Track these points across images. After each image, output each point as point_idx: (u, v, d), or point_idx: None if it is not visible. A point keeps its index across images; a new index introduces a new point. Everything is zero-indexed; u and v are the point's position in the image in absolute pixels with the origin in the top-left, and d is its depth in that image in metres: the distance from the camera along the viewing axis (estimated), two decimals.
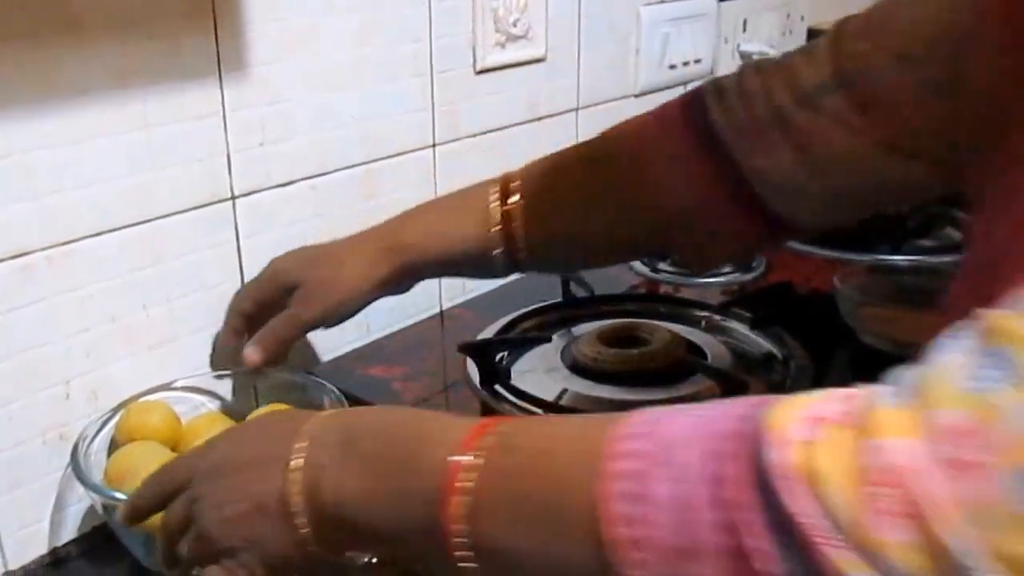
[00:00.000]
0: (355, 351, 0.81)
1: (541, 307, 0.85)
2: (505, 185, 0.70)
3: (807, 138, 0.59)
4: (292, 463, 0.45)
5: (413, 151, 0.90)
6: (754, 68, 0.64)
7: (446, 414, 0.46)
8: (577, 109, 1.08)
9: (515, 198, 0.69)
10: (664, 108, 0.68)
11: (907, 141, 0.56)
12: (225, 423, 0.68)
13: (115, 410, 0.67)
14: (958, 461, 0.28)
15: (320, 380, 0.70)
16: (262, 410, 0.68)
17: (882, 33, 0.57)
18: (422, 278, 0.73)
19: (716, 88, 0.65)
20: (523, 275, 0.96)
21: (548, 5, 1.00)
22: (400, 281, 0.71)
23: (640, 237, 0.68)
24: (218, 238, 0.74)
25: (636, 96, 1.16)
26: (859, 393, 0.33)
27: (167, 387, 0.71)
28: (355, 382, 0.75)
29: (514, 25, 0.96)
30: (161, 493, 0.50)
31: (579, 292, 0.86)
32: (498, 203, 0.69)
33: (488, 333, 0.80)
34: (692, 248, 0.68)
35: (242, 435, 0.52)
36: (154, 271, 0.70)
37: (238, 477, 0.47)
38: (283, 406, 0.68)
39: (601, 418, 0.39)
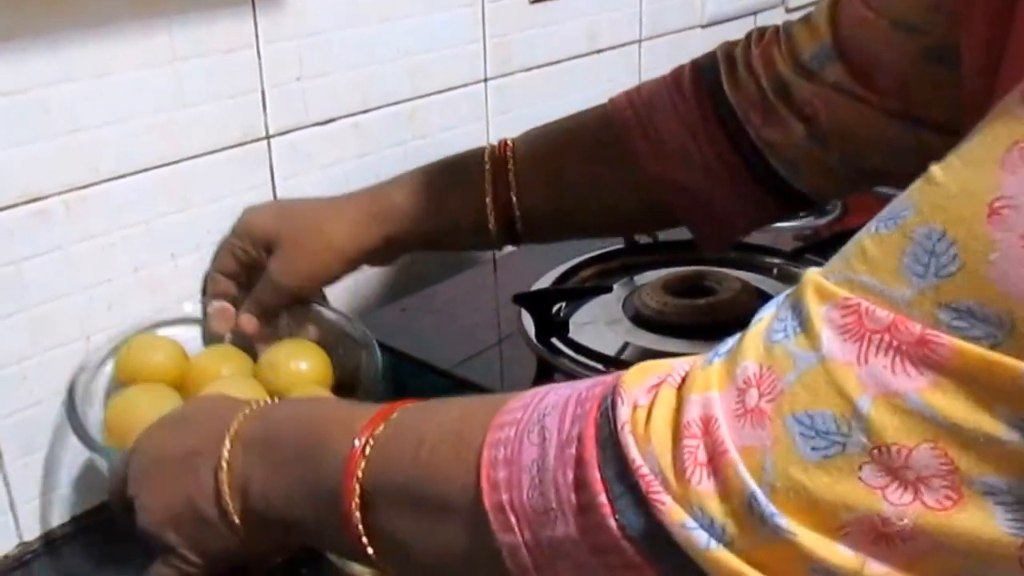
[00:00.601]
0: (402, 301, 0.77)
1: (601, 254, 0.81)
2: (502, 154, 0.66)
3: (812, 109, 0.58)
4: (223, 464, 0.45)
5: (464, 86, 0.86)
6: (757, 36, 0.62)
7: (360, 404, 0.47)
8: (640, 41, 1.03)
9: (511, 169, 0.65)
10: (676, 76, 0.66)
11: (912, 108, 0.55)
12: (235, 357, 0.65)
13: (114, 349, 0.63)
14: (745, 409, 0.31)
15: (348, 320, 0.67)
16: (278, 349, 0.64)
17: (880, 0, 0.55)
18: (408, 250, 0.69)
19: (727, 57, 0.63)
20: None
21: None
22: (385, 251, 0.67)
23: (647, 211, 0.65)
24: (253, 180, 0.71)
25: (703, 27, 1.10)
26: (698, 356, 0.35)
27: (168, 323, 0.66)
28: (402, 335, 0.71)
29: None
30: (118, 492, 0.50)
31: (642, 238, 0.81)
32: (491, 174, 0.65)
33: (544, 282, 0.76)
34: (706, 221, 0.64)
35: (173, 430, 0.50)
36: (182, 216, 0.66)
37: (170, 478, 0.47)
38: (305, 342, 0.65)
39: (496, 397, 0.40)
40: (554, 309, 0.71)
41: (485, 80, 0.87)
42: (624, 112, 0.65)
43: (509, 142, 0.67)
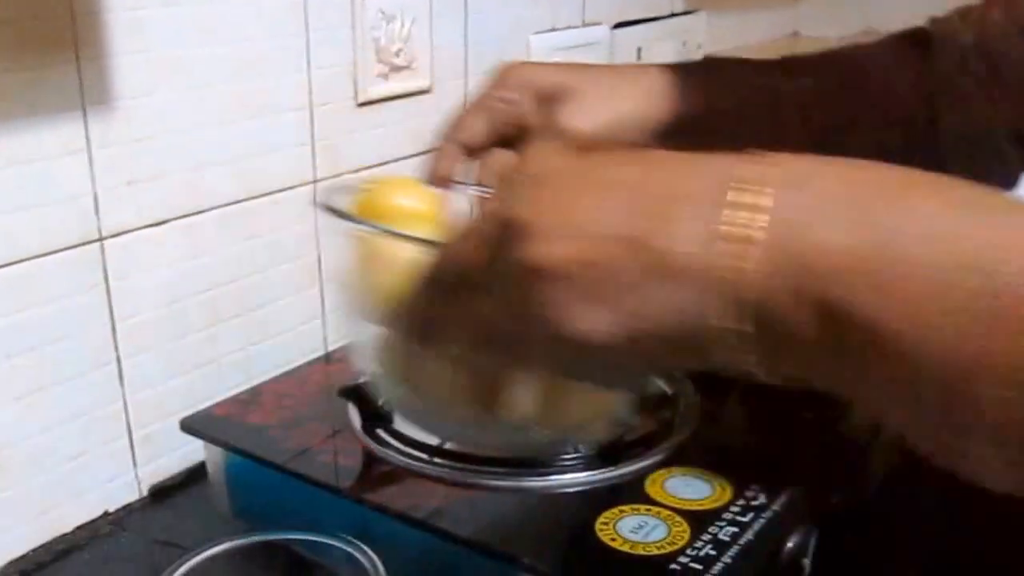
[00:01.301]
0: (232, 397, 0.81)
1: None
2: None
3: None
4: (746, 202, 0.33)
5: (293, 187, 0.91)
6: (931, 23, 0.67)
7: None
8: None
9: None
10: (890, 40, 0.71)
11: None
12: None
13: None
14: None
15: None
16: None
17: (1012, 4, 0.58)
18: (689, 134, 0.59)
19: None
20: None
21: (432, 35, 1.02)
22: (678, 123, 0.59)
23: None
24: (87, 281, 0.74)
25: None
26: None
27: None
28: (231, 432, 0.75)
29: (397, 55, 0.98)
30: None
31: None
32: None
33: None
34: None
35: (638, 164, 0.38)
36: (18, 318, 0.69)
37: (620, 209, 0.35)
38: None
39: None
40: (381, 400, 0.77)
41: (315, 181, 0.93)
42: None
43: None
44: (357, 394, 0.75)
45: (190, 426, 0.75)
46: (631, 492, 0.65)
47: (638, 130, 0.56)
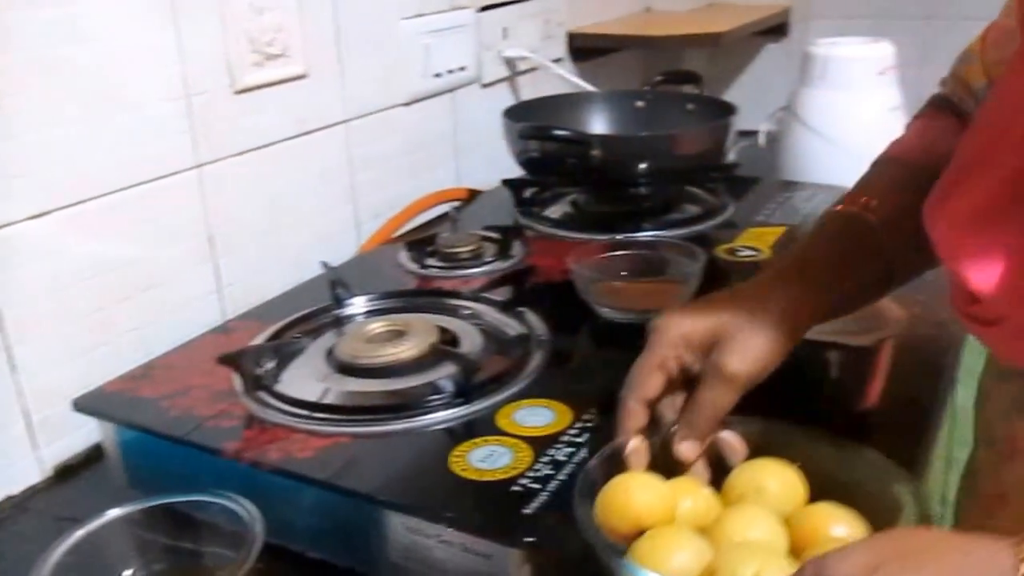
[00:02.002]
0: (126, 374, 0.76)
1: (310, 312, 0.83)
2: (877, 215, 0.62)
3: None
4: None
5: (179, 172, 0.86)
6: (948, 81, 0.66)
7: None
8: (346, 121, 1.06)
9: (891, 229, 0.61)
10: (925, 117, 0.68)
11: None
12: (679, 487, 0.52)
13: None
14: None
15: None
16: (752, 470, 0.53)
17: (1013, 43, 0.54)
18: (819, 320, 0.61)
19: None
20: (300, 283, 0.96)
21: (304, 23, 0.97)
22: (811, 322, 0.59)
23: None
24: None
25: (405, 105, 1.15)
26: None
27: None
28: (121, 407, 0.70)
29: (270, 44, 0.93)
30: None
31: (344, 295, 0.84)
32: (884, 237, 0.61)
33: (260, 341, 0.78)
34: None
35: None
36: None
37: None
38: (766, 459, 0.54)
39: None
40: (264, 365, 0.73)
41: (199, 166, 0.88)
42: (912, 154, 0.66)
43: (872, 201, 0.63)
44: (237, 360, 0.71)
45: (82, 405, 0.71)
46: (484, 426, 0.63)
47: (792, 340, 0.56)
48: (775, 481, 0.51)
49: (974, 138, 0.52)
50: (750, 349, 0.54)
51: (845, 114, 1.24)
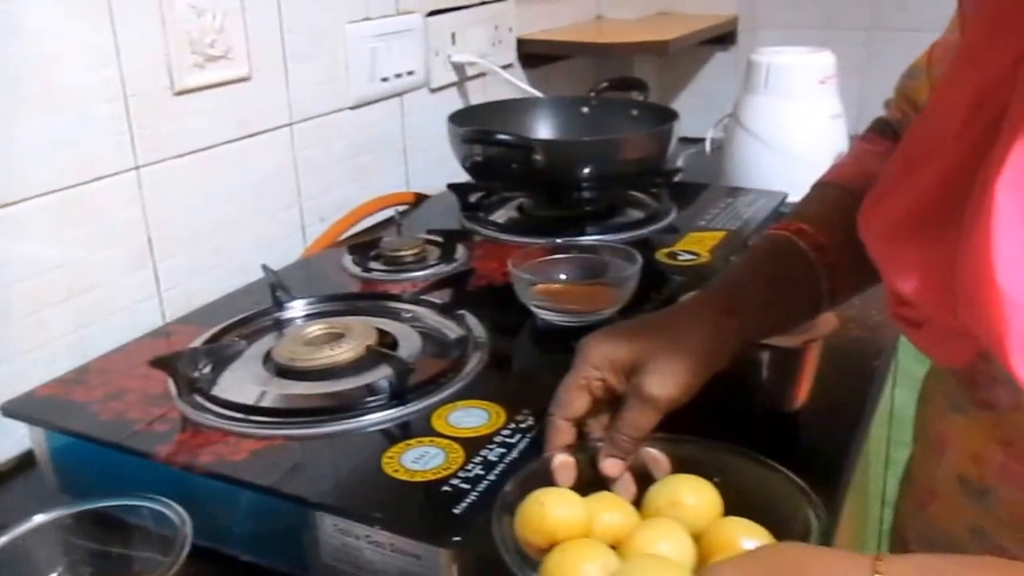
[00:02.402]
0: (58, 378, 0.76)
1: (249, 316, 0.82)
2: (813, 240, 0.64)
3: None
4: None
5: (116, 174, 0.85)
6: (893, 100, 0.67)
7: None
8: (291, 124, 1.06)
9: (828, 253, 0.63)
10: (866, 141, 0.69)
11: None
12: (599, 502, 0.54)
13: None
14: None
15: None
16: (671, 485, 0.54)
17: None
18: (748, 343, 0.64)
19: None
20: (242, 287, 0.95)
21: (247, 26, 0.97)
22: (735, 347, 0.61)
23: None
24: None
25: (351, 108, 1.15)
26: None
27: None
28: (52, 412, 0.70)
29: (211, 46, 0.93)
30: None
31: (285, 298, 0.84)
32: (817, 262, 0.63)
33: (197, 344, 0.77)
34: None
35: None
36: None
37: None
38: (685, 476, 0.56)
39: None
40: (200, 367, 0.73)
41: (137, 168, 0.87)
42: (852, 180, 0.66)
43: (805, 226, 0.64)
44: (172, 363, 0.70)
45: (11, 409, 0.70)
46: (419, 427, 0.64)
47: (713, 366, 0.59)
48: (692, 496, 0.52)
49: (907, 146, 0.53)
50: (670, 375, 0.57)
51: (787, 121, 1.27)
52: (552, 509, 0.49)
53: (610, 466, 0.56)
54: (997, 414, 0.51)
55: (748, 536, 0.49)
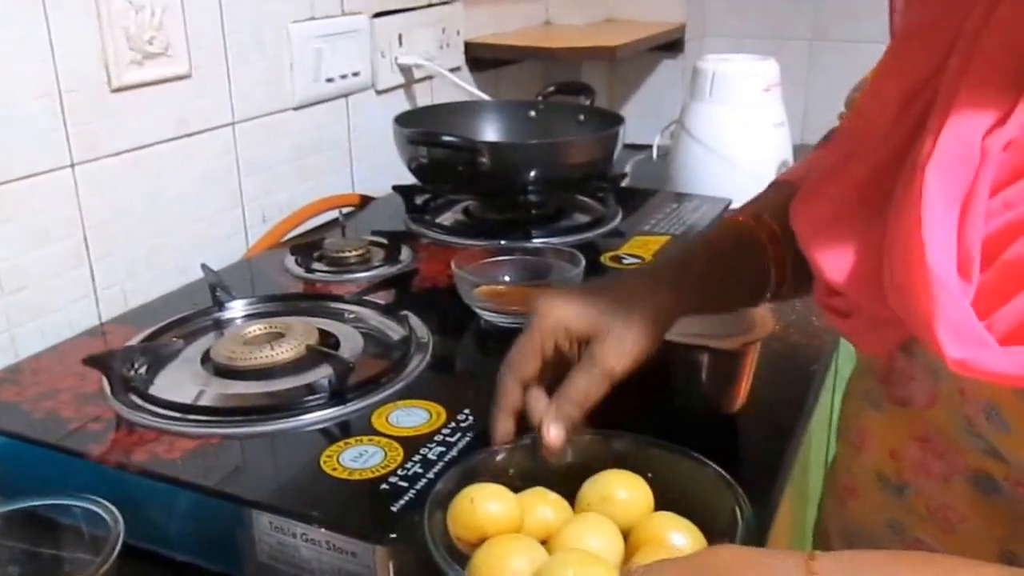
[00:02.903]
0: None
1: (187, 315, 0.82)
2: (769, 230, 0.65)
3: None
4: None
5: (51, 171, 0.84)
6: (844, 113, 0.68)
7: None
8: (233, 123, 1.06)
9: (779, 241, 0.64)
10: (820, 148, 0.71)
11: None
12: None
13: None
14: None
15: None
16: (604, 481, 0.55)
17: None
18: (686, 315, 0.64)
19: None
20: (181, 287, 0.95)
21: (187, 23, 0.96)
22: (674, 319, 0.62)
23: None
24: None
25: (295, 109, 1.15)
26: None
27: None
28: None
29: (150, 43, 0.92)
30: None
31: (225, 298, 0.84)
32: (769, 246, 0.64)
33: (133, 343, 0.77)
34: None
35: None
36: None
37: None
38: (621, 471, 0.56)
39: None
40: (136, 367, 0.72)
41: (72, 165, 0.86)
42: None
43: (763, 215, 0.65)
44: (106, 362, 0.70)
45: None
46: (359, 426, 0.64)
47: (658, 339, 0.60)
48: (623, 491, 0.53)
49: (840, 141, 0.55)
50: (626, 344, 0.57)
51: (731, 128, 1.29)
52: (482, 505, 0.50)
53: (554, 436, 0.56)
54: (913, 411, 0.53)
55: (676, 530, 0.50)
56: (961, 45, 0.46)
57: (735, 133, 1.30)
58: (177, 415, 0.67)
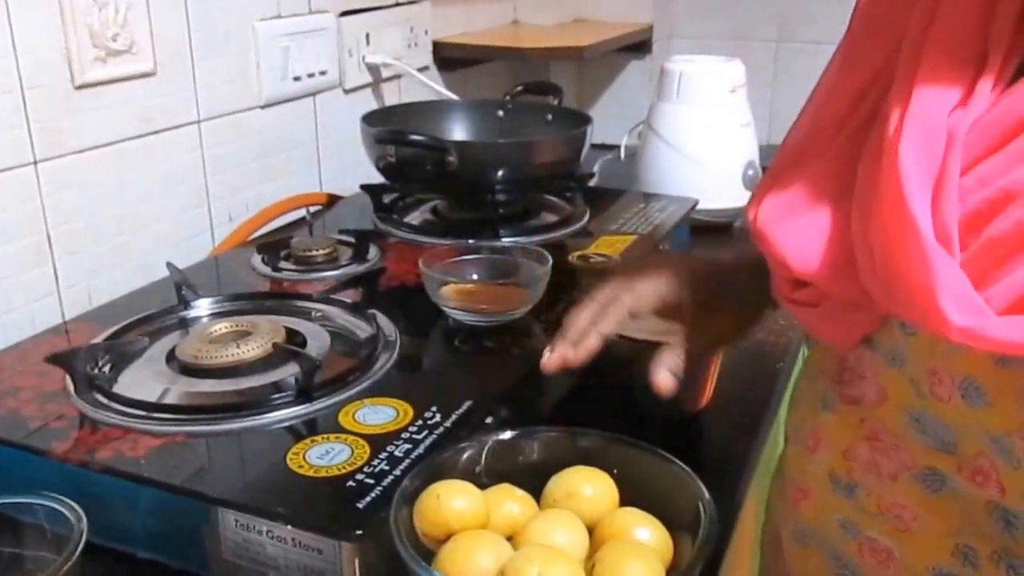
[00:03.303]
0: None
1: (152, 314, 0.81)
2: None
3: None
4: None
5: (11, 169, 0.83)
6: None
7: None
8: (199, 121, 1.05)
9: None
10: None
11: None
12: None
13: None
14: None
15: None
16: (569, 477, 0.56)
17: None
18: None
19: None
20: (147, 285, 0.94)
21: (152, 20, 0.96)
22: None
23: None
24: None
25: (262, 107, 1.15)
26: None
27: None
28: None
29: (114, 40, 0.92)
30: None
31: (190, 296, 0.84)
32: None
33: (97, 341, 0.76)
34: None
35: None
36: None
37: None
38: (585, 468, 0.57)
39: None
40: (100, 365, 0.72)
41: (35, 163, 0.85)
42: None
43: None
44: (69, 360, 0.69)
45: None
46: (326, 424, 0.64)
47: (676, 301, 0.68)
48: (589, 487, 0.54)
49: (794, 140, 0.57)
50: (639, 288, 0.67)
51: (698, 128, 1.31)
52: (448, 501, 0.51)
53: (546, 359, 0.67)
54: (864, 410, 0.54)
55: (641, 526, 0.51)
56: (912, 32, 0.48)
57: (702, 133, 1.31)
58: (142, 413, 0.67)
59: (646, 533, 0.51)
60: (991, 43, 0.46)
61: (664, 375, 0.65)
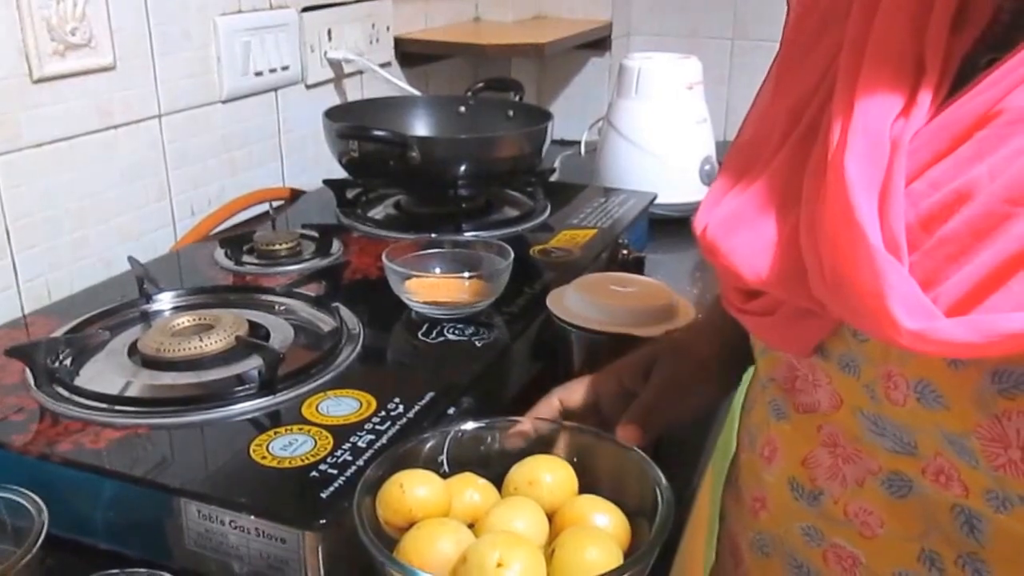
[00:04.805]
0: None
1: (114, 307, 0.81)
2: None
3: None
4: None
5: None
6: None
7: None
8: (160, 116, 1.04)
9: None
10: None
11: None
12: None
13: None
14: None
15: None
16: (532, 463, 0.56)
17: None
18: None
19: None
20: (107, 279, 0.93)
21: (110, 14, 0.94)
22: None
23: None
24: None
25: (223, 102, 1.14)
26: None
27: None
28: None
29: (72, 34, 0.90)
30: None
31: (152, 290, 0.83)
32: None
33: (58, 334, 0.75)
34: None
35: None
36: None
37: None
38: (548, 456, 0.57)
39: None
40: (60, 359, 0.71)
41: None
42: None
43: None
44: (28, 353, 0.68)
45: None
46: (289, 416, 0.64)
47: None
48: (549, 475, 0.55)
49: (736, 156, 0.57)
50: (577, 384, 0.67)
51: (656, 125, 1.32)
52: (411, 489, 0.51)
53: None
54: (820, 417, 0.53)
55: (599, 512, 0.52)
56: (849, 43, 0.48)
57: (660, 129, 1.32)
58: (103, 406, 0.66)
59: (604, 519, 0.51)
60: (927, 52, 0.47)
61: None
